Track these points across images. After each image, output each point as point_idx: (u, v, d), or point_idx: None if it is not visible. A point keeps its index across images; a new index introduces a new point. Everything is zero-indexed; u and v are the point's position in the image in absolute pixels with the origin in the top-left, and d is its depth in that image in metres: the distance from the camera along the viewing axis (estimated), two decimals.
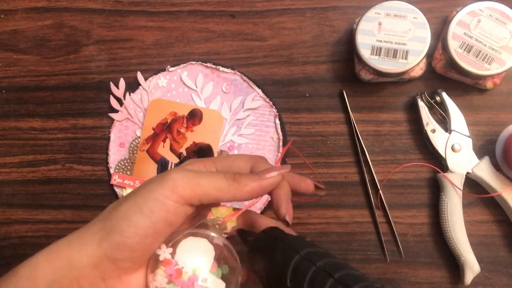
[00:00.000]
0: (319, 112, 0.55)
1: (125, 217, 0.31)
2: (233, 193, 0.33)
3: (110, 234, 0.31)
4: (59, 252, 0.32)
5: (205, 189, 0.32)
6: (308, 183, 0.38)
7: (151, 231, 0.31)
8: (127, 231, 0.31)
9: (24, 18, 0.59)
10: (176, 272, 0.34)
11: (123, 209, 0.32)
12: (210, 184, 0.33)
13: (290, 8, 0.57)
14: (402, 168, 0.54)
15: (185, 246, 0.34)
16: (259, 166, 0.36)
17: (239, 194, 0.33)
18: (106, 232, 0.32)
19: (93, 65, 0.58)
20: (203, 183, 0.32)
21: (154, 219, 0.31)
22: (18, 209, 0.57)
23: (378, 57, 0.50)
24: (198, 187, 0.32)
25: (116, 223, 0.31)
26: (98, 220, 0.33)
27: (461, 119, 0.53)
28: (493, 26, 0.50)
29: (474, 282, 0.51)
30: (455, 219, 0.51)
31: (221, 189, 0.33)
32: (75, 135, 0.57)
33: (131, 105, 0.57)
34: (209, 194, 0.33)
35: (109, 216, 0.32)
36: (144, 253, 0.33)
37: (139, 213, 0.31)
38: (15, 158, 0.58)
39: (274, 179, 0.34)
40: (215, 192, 0.33)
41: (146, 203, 0.31)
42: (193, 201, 0.32)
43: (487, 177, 0.51)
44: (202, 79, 0.56)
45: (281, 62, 0.56)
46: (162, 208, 0.31)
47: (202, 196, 0.32)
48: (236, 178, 0.33)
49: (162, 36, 0.57)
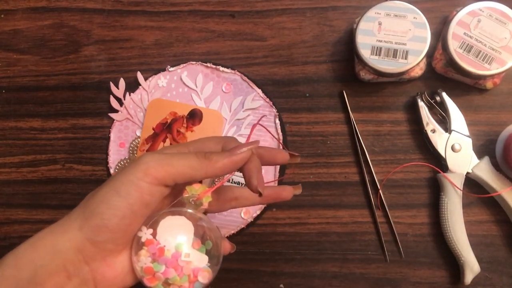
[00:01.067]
0: (319, 112, 0.56)
1: (103, 200, 0.33)
2: (205, 170, 0.35)
3: (90, 218, 0.33)
4: (43, 240, 0.33)
5: (178, 168, 0.34)
6: (283, 154, 0.41)
7: (128, 212, 0.33)
8: (106, 213, 0.33)
9: (24, 18, 0.59)
10: (159, 251, 0.35)
11: (101, 193, 0.34)
12: (182, 163, 0.34)
13: (290, 8, 0.57)
14: (402, 168, 0.54)
15: (164, 225, 0.36)
16: (229, 145, 0.38)
17: (211, 170, 0.35)
18: (85, 217, 0.33)
19: (93, 65, 0.58)
20: (175, 163, 0.34)
21: (131, 200, 0.33)
22: (18, 209, 0.57)
23: (378, 57, 0.50)
24: (170, 167, 0.34)
25: (96, 207, 0.33)
26: (78, 207, 0.35)
27: (461, 119, 0.53)
28: (493, 26, 0.50)
29: (474, 282, 0.51)
30: (455, 219, 0.51)
31: (193, 167, 0.34)
32: (75, 135, 0.57)
33: (131, 105, 0.57)
34: (182, 173, 0.34)
35: (88, 202, 0.34)
36: (124, 234, 0.34)
37: (117, 195, 0.33)
38: (15, 158, 0.58)
39: (244, 154, 0.36)
40: (188, 171, 0.34)
41: (122, 186, 0.33)
42: (167, 181, 0.34)
43: (487, 177, 0.51)
44: (202, 79, 0.56)
45: (281, 62, 0.56)
46: (137, 190, 0.33)
47: (175, 175, 0.34)
48: (207, 156, 0.35)
49: (162, 36, 0.57)
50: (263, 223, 0.55)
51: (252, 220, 0.54)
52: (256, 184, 0.36)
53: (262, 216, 0.55)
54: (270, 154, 0.40)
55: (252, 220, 0.54)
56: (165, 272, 0.35)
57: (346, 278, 0.54)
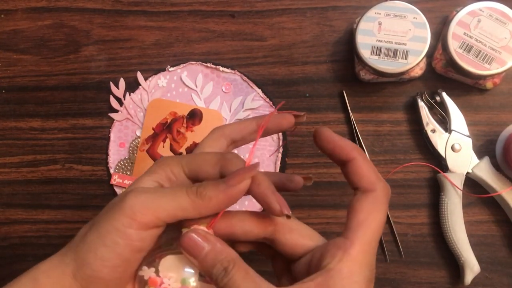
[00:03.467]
0: (319, 112, 0.55)
1: (90, 250, 0.30)
2: (198, 210, 0.30)
3: (82, 268, 0.30)
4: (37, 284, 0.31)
5: (168, 211, 0.30)
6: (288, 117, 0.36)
7: (119, 261, 0.30)
8: (95, 264, 0.30)
9: (24, 18, 0.59)
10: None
11: (88, 241, 0.31)
12: (173, 205, 0.30)
13: (290, 8, 0.57)
14: (402, 168, 0.54)
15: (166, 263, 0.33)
16: (229, 168, 0.32)
17: (205, 210, 0.30)
18: (77, 265, 0.31)
19: (93, 65, 0.58)
20: (164, 205, 0.30)
21: (119, 250, 0.30)
22: (18, 209, 0.57)
23: (378, 57, 0.50)
24: (159, 211, 0.30)
25: (85, 257, 0.30)
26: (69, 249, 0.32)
27: (461, 119, 0.53)
28: (493, 26, 0.50)
29: (474, 282, 0.51)
30: (455, 219, 0.51)
31: (184, 209, 0.30)
32: (75, 135, 0.57)
33: (131, 105, 0.57)
34: (173, 215, 0.30)
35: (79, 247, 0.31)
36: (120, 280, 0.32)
37: (103, 245, 0.30)
38: (15, 158, 0.58)
39: (242, 186, 0.30)
40: (180, 213, 0.30)
41: (108, 235, 0.30)
42: (158, 224, 0.31)
43: (487, 177, 0.51)
44: (202, 79, 0.56)
45: (281, 62, 0.56)
46: (124, 238, 0.30)
47: (165, 218, 0.30)
48: (200, 193, 0.30)
49: (162, 36, 0.57)
50: None
51: None
52: (278, 208, 0.30)
53: None
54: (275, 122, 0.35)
55: None
56: None
57: None
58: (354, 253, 0.30)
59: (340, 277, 0.29)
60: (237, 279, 0.29)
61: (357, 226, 0.30)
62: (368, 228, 0.30)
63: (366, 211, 0.31)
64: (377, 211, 0.31)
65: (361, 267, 0.30)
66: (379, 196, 0.31)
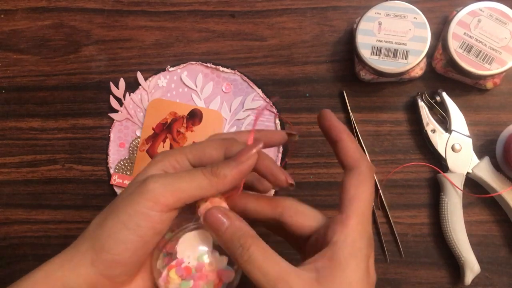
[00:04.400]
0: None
1: (111, 235, 0.31)
2: (216, 187, 0.33)
3: (101, 253, 0.31)
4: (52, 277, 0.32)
5: (187, 192, 0.32)
6: (280, 133, 0.39)
7: (140, 244, 0.32)
8: (117, 248, 0.31)
9: (24, 18, 0.59)
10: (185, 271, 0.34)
11: (108, 227, 0.32)
12: (192, 186, 0.32)
13: (290, 8, 0.57)
14: (402, 168, 0.54)
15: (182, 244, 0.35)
16: (232, 149, 0.35)
17: (222, 187, 0.33)
18: (96, 252, 0.32)
19: (93, 65, 0.58)
20: (183, 187, 0.32)
21: (141, 232, 0.31)
22: (18, 209, 0.57)
23: (378, 57, 0.50)
24: (179, 192, 0.32)
25: (105, 242, 0.31)
26: (85, 239, 0.33)
27: (461, 119, 0.53)
28: (493, 26, 0.50)
29: (474, 282, 0.51)
30: (455, 219, 0.51)
31: (203, 188, 0.33)
32: (75, 135, 0.57)
33: (131, 105, 0.57)
34: (192, 195, 0.32)
35: (96, 234, 0.32)
36: (138, 264, 0.33)
37: (125, 229, 0.31)
38: (15, 158, 0.58)
39: (251, 161, 0.34)
40: (198, 192, 0.33)
41: (130, 218, 0.31)
42: (178, 206, 0.32)
43: (487, 177, 0.51)
44: (202, 79, 0.56)
45: (281, 62, 0.56)
46: (148, 220, 0.31)
47: (185, 199, 0.32)
48: (214, 172, 0.33)
49: (162, 36, 0.57)
50: None
51: None
52: (284, 178, 0.34)
53: None
54: (266, 136, 0.38)
55: None
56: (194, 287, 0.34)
57: None
58: (352, 223, 0.33)
59: (345, 246, 0.32)
60: (258, 257, 0.31)
61: (349, 201, 0.34)
62: (359, 201, 0.33)
63: (355, 186, 0.34)
64: (364, 184, 0.34)
65: (360, 235, 0.33)
66: (363, 172, 0.34)
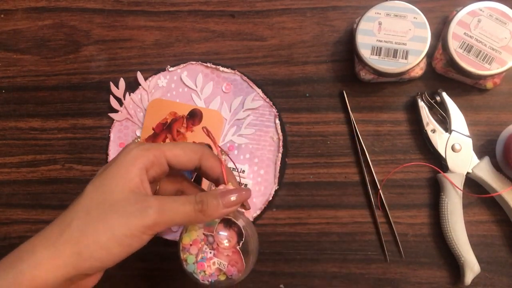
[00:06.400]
0: (319, 112, 0.55)
1: (105, 248, 0.35)
2: (199, 220, 0.39)
3: (88, 260, 0.35)
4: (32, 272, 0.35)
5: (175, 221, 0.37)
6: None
7: (126, 255, 0.37)
8: (107, 259, 0.36)
9: (24, 18, 0.59)
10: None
11: (102, 240, 0.35)
12: (180, 217, 0.38)
13: (290, 8, 0.57)
14: (402, 168, 0.54)
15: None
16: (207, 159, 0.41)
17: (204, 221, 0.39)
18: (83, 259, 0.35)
19: (93, 65, 0.58)
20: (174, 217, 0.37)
21: (131, 249, 0.36)
22: (18, 209, 0.57)
23: (378, 57, 0.50)
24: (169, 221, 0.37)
25: (95, 252, 0.35)
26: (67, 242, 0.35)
27: (461, 119, 0.53)
28: (493, 26, 0.50)
29: (474, 282, 0.51)
30: (455, 219, 0.51)
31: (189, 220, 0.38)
32: (75, 135, 0.57)
33: (131, 105, 0.57)
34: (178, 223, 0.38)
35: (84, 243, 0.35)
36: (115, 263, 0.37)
37: (118, 246, 0.36)
38: (15, 158, 0.58)
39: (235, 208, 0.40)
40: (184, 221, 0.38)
41: (125, 238, 0.36)
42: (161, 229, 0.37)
43: (487, 177, 0.51)
44: (202, 79, 0.56)
45: (281, 62, 0.56)
46: (139, 242, 0.36)
47: (169, 224, 0.37)
48: (203, 209, 0.38)
49: (162, 36, 0.57)
50: (263, 223, 0.55)
51: (252, 220, 0.54)
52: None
53: (262, 216, 0.55)
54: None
55: (252, 220, 0.54)
56: None
57: (346, 278, 0.54)
58: None
59: None
60: None
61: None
62: None
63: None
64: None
65: None
66: None
